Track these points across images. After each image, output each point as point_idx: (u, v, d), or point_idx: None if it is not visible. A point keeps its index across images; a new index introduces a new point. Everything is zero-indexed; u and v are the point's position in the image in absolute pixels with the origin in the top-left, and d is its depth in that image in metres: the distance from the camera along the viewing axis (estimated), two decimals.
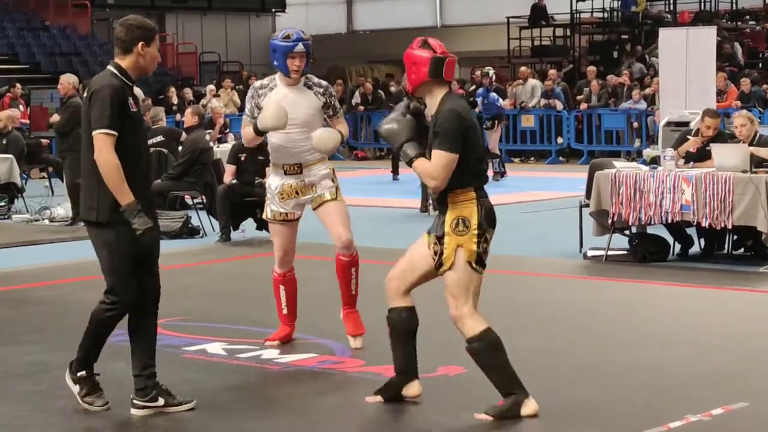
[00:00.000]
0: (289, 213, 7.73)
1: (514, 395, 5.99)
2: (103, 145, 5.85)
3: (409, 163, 6.02)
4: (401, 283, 6.26)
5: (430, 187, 6.06)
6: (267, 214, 7.79)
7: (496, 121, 20.55)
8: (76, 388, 6.17)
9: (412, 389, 6.26)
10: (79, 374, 6.16)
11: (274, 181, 7.67)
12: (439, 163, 5.88)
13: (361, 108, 26.72)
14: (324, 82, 7.70)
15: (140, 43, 6.05)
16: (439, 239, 6.01)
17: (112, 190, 5.87)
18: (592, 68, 25.59)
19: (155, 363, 6.20)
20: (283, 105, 7.29)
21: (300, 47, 7.41)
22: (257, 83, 7.65)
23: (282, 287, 7.80)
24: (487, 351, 6.00)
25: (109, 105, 5.88)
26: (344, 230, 7.61)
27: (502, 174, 20.05)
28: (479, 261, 6.05)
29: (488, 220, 6.06)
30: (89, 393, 6.17)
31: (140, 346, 6.19)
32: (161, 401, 6.13)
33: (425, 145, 6.00)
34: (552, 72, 26.06)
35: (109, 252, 6.06)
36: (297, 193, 7.65)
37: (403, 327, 6.27)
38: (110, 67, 6.08)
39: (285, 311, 7.79)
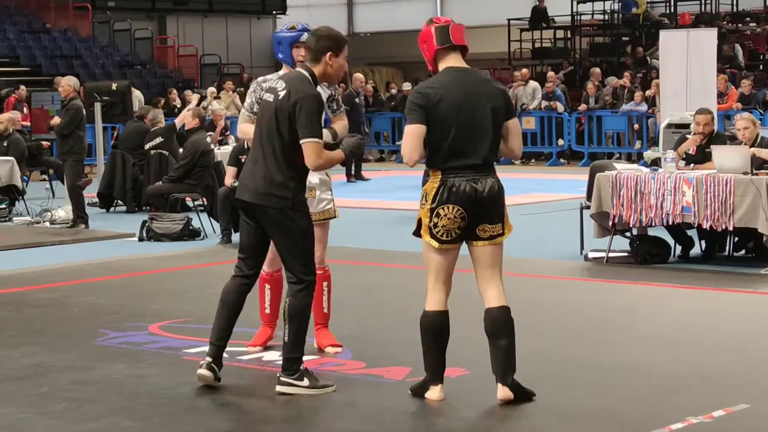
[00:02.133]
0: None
1: (425, 377, 6.31)
2: (315, 152, 6.33)
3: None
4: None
5: (404, 162, 6.28)
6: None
7: None
8: (304, 383, 6.41)
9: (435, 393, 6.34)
10: (301, 369, 6.44)
11: None
12: (404, 135, 6.17)
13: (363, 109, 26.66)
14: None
15: (329, 53, 6.49)
16: None
17: (330, 163, 6.50)
18: (596, 70, 25.57)
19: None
20: None
21: (306, 36, 7.20)
22: (260, 78, 7.58)
23: (267, 286, 7.65)
24: (421, 331, 6.28)
25: (317, 113, 6.39)
26: (323, 250, 7.50)
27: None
28: (432, 235, 6.16)
29: (450, 196, 6.11)
30: (317, 379, 6.48)
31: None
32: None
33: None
34: (551, 74, 26.08)
35: (302, 235, 6.43)
36: (310, 191, 7.33)
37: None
38: (305, 73, 6.51)
39: (267, 311, 7.66)
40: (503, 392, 6.19)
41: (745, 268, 10.67)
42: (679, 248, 11.34)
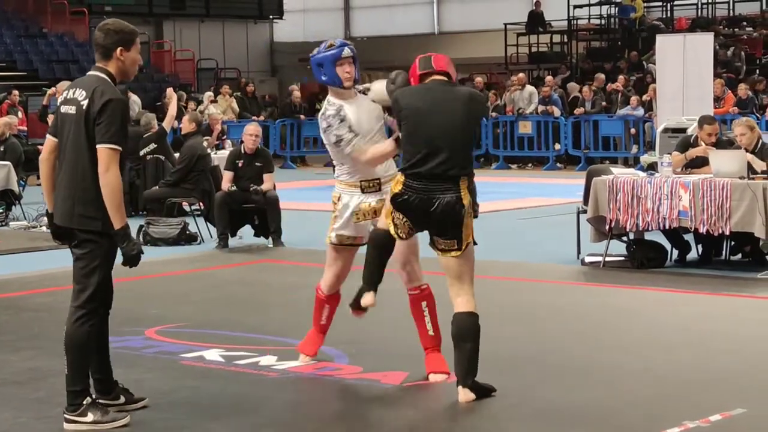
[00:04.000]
0: (358, 237, 7.04)
1: (363, 286, 6.66)
2: (112, 161, 5.80)
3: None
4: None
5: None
6: (332, 238, 7.04)
7: None
8: (89, 419, 5.90)
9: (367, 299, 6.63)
10: (85, 403, 5.95)
11: (348, 201, 6.96)
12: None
13: None
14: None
15: (119, 48, 6.01)
16: None
17: (113, 209, 5.80)
18: (600, 76, 25.53)
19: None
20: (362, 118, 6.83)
21: (347, 51, 6.88)
22: (329, 114, 6.84)
23: (327, 306, 7.32)
24: (368, 244, 6.66)
25: (120, 118, 5.86)
26: (419, 265, 6.97)
27: None
28: (393, 225, 6.46)
29: (401, 206, 6.35)
30: (106, 411, 5.99)
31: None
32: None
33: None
34: (549, 79, 26.08)
35: (104, 260, 5.93)
36: (375, 213, 6.89)
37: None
38: (102, 74, 5.99)
39: (323, 322, 7.37)
40: (464, 395, 6.29)
41: (741, 273, 10.67)
42: (675, 252, 11.34)
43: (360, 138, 6.82)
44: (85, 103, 5.88)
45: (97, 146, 5.81)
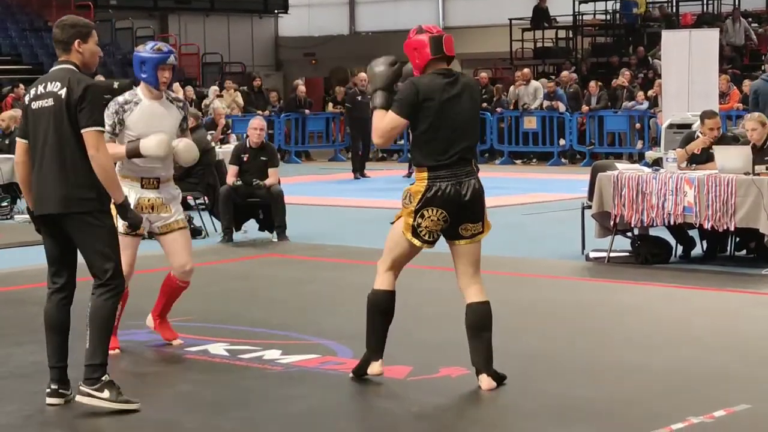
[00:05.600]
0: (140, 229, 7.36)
1: (367, 353, 6.61)
2: (100, 142, 6.05)
3: (373, 111, 6.52)
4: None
5: (375, 143, 6.64)
6: (119, 227, 6.96)
7: None
8: (104, 395, 6.07)
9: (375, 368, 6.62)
10: (104, 379, 6.10)
11: (126, 193, 7.14)
12: (385, 121, 6.41)
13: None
14: (180, 97, 7.87)
15: (77, 41, 6.25)
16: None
17: (110, 186, 6.09)
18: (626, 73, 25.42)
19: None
20: (153, 121, 7.38)
21: (172, 59, 7.49)
22: (120, 98, 7.47)
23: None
24: (368, 308, 6.59)
25: (100, 103, 6.15)
26: (190, 259, 7.62)
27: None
28: (414, 233, 6.44)
29: (434, 199, 6.37)
30: (120, 392, 6.13)
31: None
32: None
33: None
34: (565, 74, 25.94)
35: (111, 237, 6.16)
36: (152, 209, 7.49)
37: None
38: (69, 66, 6.22)
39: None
40: (488, 382, 6.42)
41: (746, 269, 10.66)
42: (680, 248, 11.33)
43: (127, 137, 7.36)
44: (62, 92, 6.10)
45: (83, 130, 6.04)
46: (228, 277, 10.82)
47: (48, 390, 6.25)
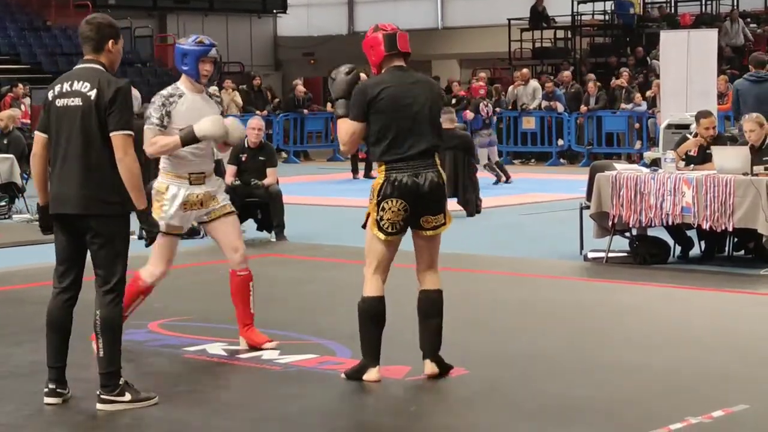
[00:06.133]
0: (184, 227, 7.50)
1: (364, 360, 6.62)
2: (129, 146, 6.02)
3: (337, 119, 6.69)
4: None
5: (341, 150, 6.87)
6: (162, 226, 7.15)
7: None
8: (126, 398, 6.12)
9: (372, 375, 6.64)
10: (120, 383, 6.14)
11: (175, 192, 7.35)
12: (343, 128, 6.57)
13: None
14: (217, 93, 7.77)
15: (110, 41, 6.23)
16: None
17: (135, 190, 6.02)
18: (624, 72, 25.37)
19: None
20: (196, 114, 7.28)
21: (213, 52, 7.42)
22: (164, 91, 7.45)
23: (142, 297, 7.56)
24: (359, 316, 6.62)
25: (130, 106, 6.13)
26: (242, 243, 7.60)
27: None
28: (379, 227, 6.55)
29: (393, 190, 6.49)
30: (138, 391, 6.19)
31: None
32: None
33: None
34: (566, 74, 25.95)
35: (125, 244, 6.16)
36: (201, 204, 7.41)
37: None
38: (98, 66, 6.18)
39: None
40: (431, 368, 6.61)
41: (744, 269, 10.67)
42: (678, 249, 11.34)
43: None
44: (92, 93, 6.04)
45: (112, 134, 6.01)
46: (226, 277, 10.80)
47: (46, 389, 6.25)
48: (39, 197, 6.31)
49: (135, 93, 22.84)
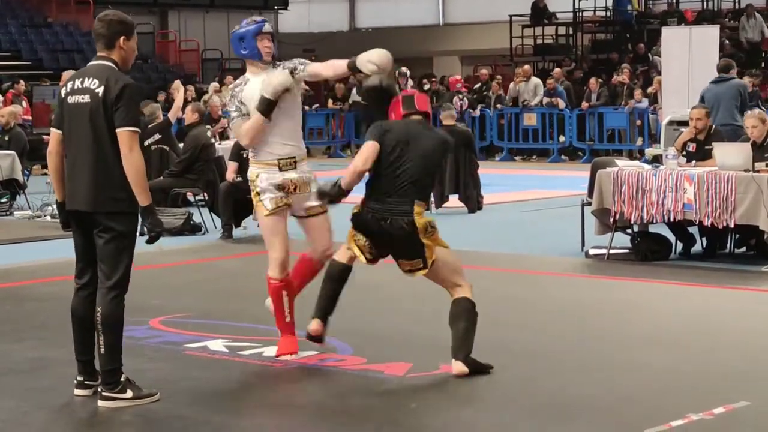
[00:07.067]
0: (287, 198, 7.20)
1: (313, 312, 6.99)
2: (134, 142, 6.04)
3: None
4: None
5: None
6: (266, 206, 7.14)
7: None
8: (127, 395, 6.13)
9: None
10: (123, 379, 6.16)
11: (268, 179, 7.17)
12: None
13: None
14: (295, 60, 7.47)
15: (122, 38, 6.24)
16: None
17: (138, 186, 6.04)
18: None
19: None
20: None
21: (267, 27, 7.31)
22: (232, 84, 7.38)
23: (285, 292, 7.25)
24: (326, 274, 6.97)
25: (137, 103, 6.15)
26: (332, 242, 7.36)
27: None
28: (359, 249, 6.87)
29: (359, 225, 6.83)
30: (140, 388, 6.21)
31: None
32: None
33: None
34: (557, 71, 26.00)
35: (130, 242, 6.18)
36: (296, 188, 7.20)
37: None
38: (108, 63, 6.21)
39: (288, 318, 7.30)
40: (458, 367, 6.62)
41: (746, 266, 10.66)
42: (680, 245, 11.33)
43: (282, 111, 7.12)
44: (100, 90, 6.08)
45: (118, 130, 6.03)
46: (227, 274, 10.82)
47: (75, 382, 6.34)
48: (57, 194, 6.35)
49: None
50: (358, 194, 6.95)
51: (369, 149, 6.75)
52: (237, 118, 7.22)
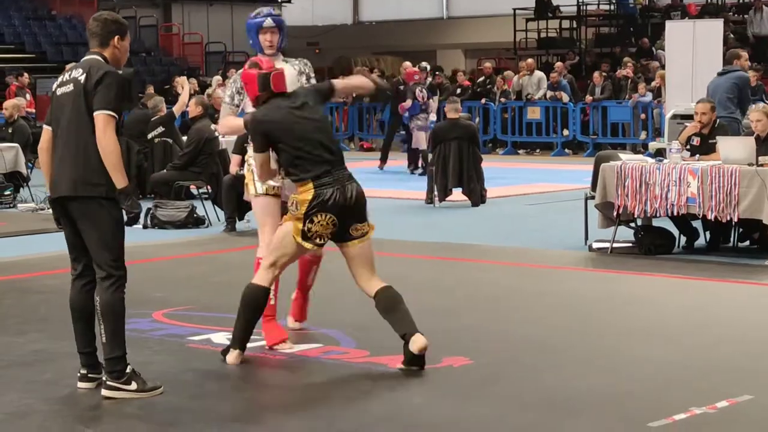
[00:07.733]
0: (277, 187, 7.33)
1: (232, 344, 6.87)
2: (108, 126, 6.05)
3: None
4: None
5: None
6: (256, 189, 7.32)
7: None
8: (132, 387, 6.14)
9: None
10: (127, 371, 6.16)
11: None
12: (257, 160, 6.91)
13: (367, 99, 26.58)
14: (301, 59, 7.59)
15: (116, 37, 6.32)
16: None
17: (114, 169, 6.06)
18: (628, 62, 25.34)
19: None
20: None
21: (269, 21, 7.39)
22: (237, 74, 7.40)
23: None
24: (243, 300, 6.86)
25: (118, 89, 6.13)
26: None
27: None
28: (305, 237, 6.74)
29: (323, 205, 6.69)
30: (145, 381, 6.21)
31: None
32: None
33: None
34: (558, 64, 26.01)
35: (115, 227, 6.18)
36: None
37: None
38: (97, 57, 6.26)
39: (273, 302, 7.37)
40: (421, 340, 6.60)
41: (749, 260, 10.66)
42: (683, 239, 11.32)
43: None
44: (82, 78, 6.15)
45: (95, 113, 6.07)
46: (231, 267, 10.82)
47: (78, 374, 6.34)
48: (49, 190, 6.34)
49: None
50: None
51: (261, 162, 6.89)
52: (227, 105, 7.37)
